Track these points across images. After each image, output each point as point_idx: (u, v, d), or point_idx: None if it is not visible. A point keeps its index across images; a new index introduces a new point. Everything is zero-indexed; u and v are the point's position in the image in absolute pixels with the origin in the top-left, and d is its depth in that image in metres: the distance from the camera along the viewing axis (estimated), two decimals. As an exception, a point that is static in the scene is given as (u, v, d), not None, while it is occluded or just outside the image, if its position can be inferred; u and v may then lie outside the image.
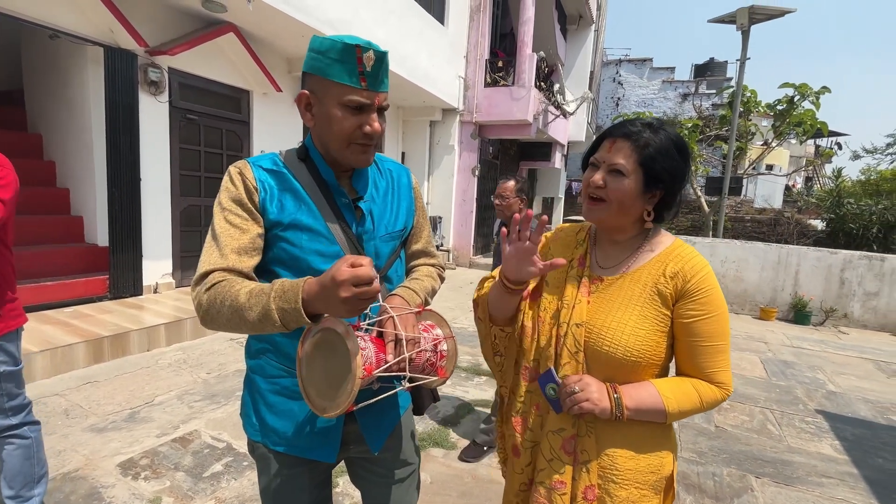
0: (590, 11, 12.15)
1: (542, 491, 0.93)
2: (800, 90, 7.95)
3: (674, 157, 0.89)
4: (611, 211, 0.91)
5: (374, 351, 0.81)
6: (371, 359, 0.79)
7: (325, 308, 0.74)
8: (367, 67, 0.84)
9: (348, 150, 0.91)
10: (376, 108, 0.89)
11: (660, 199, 0.93)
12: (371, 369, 0.78)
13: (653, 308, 0.89)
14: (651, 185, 0.89)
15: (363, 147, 0.91)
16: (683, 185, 0.93)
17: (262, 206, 0.91)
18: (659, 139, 0.88)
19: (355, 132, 0.89)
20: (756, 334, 5.49)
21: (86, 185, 4.58)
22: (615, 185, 0.89)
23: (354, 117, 0.88)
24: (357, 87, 0.85)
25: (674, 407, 0.87)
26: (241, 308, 0.78)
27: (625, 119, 0.97)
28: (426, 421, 2.80)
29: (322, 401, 0.80)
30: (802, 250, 6.45)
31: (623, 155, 0.89)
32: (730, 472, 2.45)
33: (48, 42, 4.37)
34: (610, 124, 9.39)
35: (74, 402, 2.81)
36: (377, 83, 0.87)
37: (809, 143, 22.30)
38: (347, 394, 0.74)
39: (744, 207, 14.97)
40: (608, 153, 0.91)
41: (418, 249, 1.16)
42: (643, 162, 0.88)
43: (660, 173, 0.88)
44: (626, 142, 0.89)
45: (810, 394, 3.67)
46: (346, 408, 0.75)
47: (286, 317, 0.75)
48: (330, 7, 5.13)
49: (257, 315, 0.76)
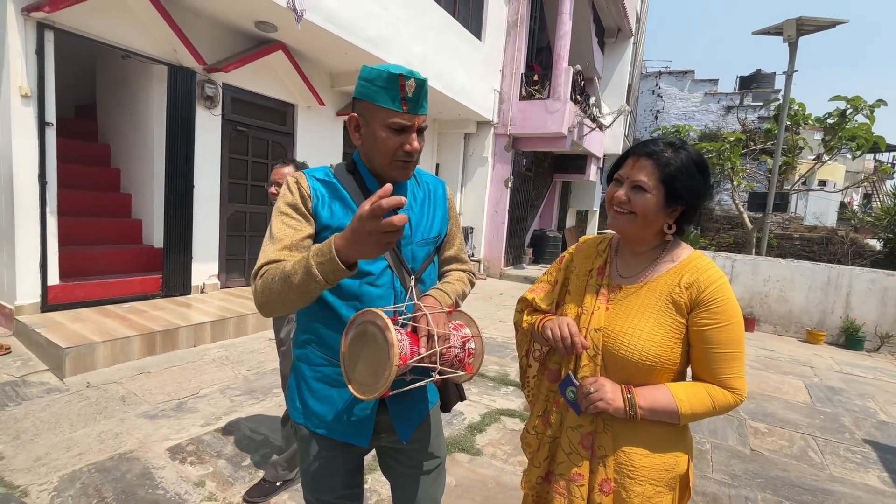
0: (628, 24, 12.05)
1: (562, 482, 0.99)
2: (852, 103, 7.56)
3: (694, 175, 0.94)
4: (636, 222, 0.97)
5: (409, 343, 0.90)
6: (406, 350, 0.88)
7: (356, 250, 0.79)
8: (408, 93, 0.95)
9: (391, 166, 1.02)
10: (416, 128, 1.00)
11: (681, 214, 0.98)
12: (406, 359, 0.87)
13: (668, 316, 0.94)
14: (672, 200, 0.95)
15: (404, 164, 1.02)
16: (703, 202, 0.98)
17: (315, 211, 1.04)
18: (679, 159, 0.94)
19: (398, 151, 1.00)
20: (802, 358, 5.21)
21: (146, 191, 4.98)
22: (638, 199, 0.95)
23: (397, 137, 0.99)
24: (399, 111, 0.96)
25: (686, 409, 0.91)
26: (288, 275, 0.87)
27: (649, 138, 1.03)
28: (452, 427, 2.85)
29: (361, 385, 0.90)
30: (855, 271, 6.10)
31: (645, 173, 0.94)
32: (764, 498, 2.37)
33: (120, 62, 4.82)
34: (648, 137, 9.28)
35: (130, 389, 3.05)
36: (417, 107, 0.98)
37: (869, 158, 20.97)
38: (385, 380, 0.84)
39: (792, 224, 14.25)
40: (631, 170, 0.97)
41: (451, 255, 1.25)
42: (664, 179, 0.93)
43: (680, 191, 0.94)
44: (649, 160, 0.95)
45: (858, 422, 3.47)
46: (382, 392, 0.84)
47: (324, 269, 0.82)
48: (371, 26, 5.39)
49: (301, 276, 0.85)
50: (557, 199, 13.21)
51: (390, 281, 1.06)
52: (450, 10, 7.13)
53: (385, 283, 1.05)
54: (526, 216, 10.67)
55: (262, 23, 4.75)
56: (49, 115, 3.74)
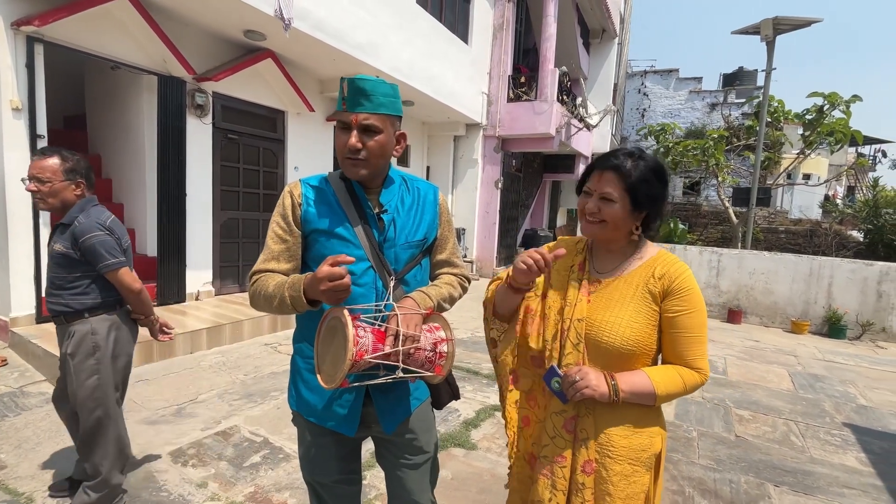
0: (612, 25, 12.25)
1: (546, 464, 1.07)
2: (829, 99, 7.78)
3: (653, 183, 1.04)
4: (607, 229, 1.07)
5: (371, 340, 0.97)
6: (367, 346, 0.95)
7: (315, 295, 0.98)
8: (345, 93, 1.06)
9: (343, 163, 1.13)
10: (355, 126, 1.07)
11: (645, 217, 1.09)
12: (363, 354, 0.94)
13: (644, 304, 1.04)
14: (636, 206, 1.05)
15: (351, 161, 1.11)
16: (663, 205, 1.10)
17: (304, 217, 1.15)
18: (640, 169, 1.03)
19: (343, 147, 1.09)
20: (786, 347, 5.37)
21: (138, 200, 5.00)
22: (607, 209, 1.05)
23: (342, 136, 1.10)
24: (340, 110, 1.08)
25: (662, 390, 1.01)
26: (269, 297, 1.07)
27: (610, 150, 1.13)
28: (448, 423, 2.93)
29: (326, 374, 1.00)
30: (836, 262, 6.28)
31: (611, 185, 1.04)
32: (747, 480, 2.48)
33: (109, 72, 4.84)
34: (635, 135, 9.44)
35: (129, 397, 3.07)
36: (354, 104, 1.06)
37: (851, 152, 21.40)
38: (341, 371, 0.92)
39: (778, 218, 14.53)
40: (598, 183, 1.06)
41: (442, 259, 1.32)
42: (629, 189, 1.03)
43: (643, 197, 1.04)
44: (613, 173, 1.04)
45: (839, 407, 3.60)
46: (339, 382, 0.93)
47: (294, 301, 1.02)
48: (359, 32, 5.46)
49: (278, 301, 1.05)
50: (548, 198, 13.36)
51: (372, 281, 1.14)
52: (436, 15, 7.23)
53: (367, 282, 1.13)
54: (517, 216, 10.79)
55: (250, 31, 4.80)
56: (40, 128, 3.77)
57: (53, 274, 1.82)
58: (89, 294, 1.84)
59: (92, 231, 1.78)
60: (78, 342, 1.80)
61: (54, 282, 1.81)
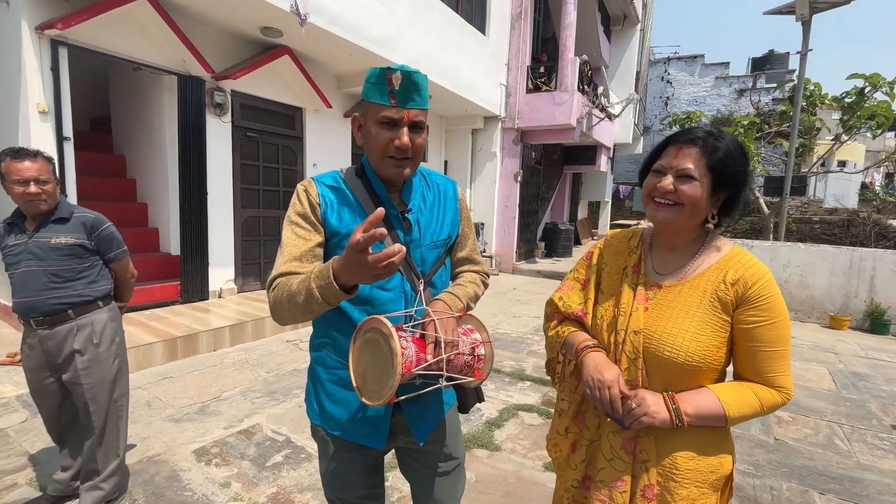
0: (634, 11, 11.85)
1: (604, 489, 0.96)
2: (871, 80, 7.32)
3: (739, 161, 0.91)
4: (682, 213, 0.92)
5: (414, 351, 0.90)
6: (412, 358, 0.88)
7: (350, 276, 0.81)
8: (395, 86, 0.96)
9: (383, 163, 1.02)
10: (407, 123, 0.99)
11: (723, 202, 0.94)
12: (410, 367, 0.87)
13: (713, 314, 0.90)
14: (717, 188, 0.91)
15: (396, 161, 1.01)
16: (746, 188, 0.94)
17: (324, 218, 1.05)
18: (724, 144, 0.90)
19: (388, 146, 0.99)
20: (825, 344, 5.10)
21: (161, 199, 5.08)
22: (686, 188, 0.90)
23: (387, 132, 0.99)
24: (388, 105, 0.97)
25: (734, 412, 0.88)
26: (293, 295, 0.90)
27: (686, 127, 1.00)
28: (471, 423, 2.86)
29: (369, 392, 0.91)
30: (878, 253, 5.93)
31: (692, 160, 0.90)
32: (790, 487, 2.33)
33: (131, 74, 4.91)
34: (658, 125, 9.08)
35: (154, 395, 3.13)
36: (406, 100, 0.97)
37: (890, 137, 20.32)
38: (389, 387, 0.85)
39: (811, 208, 13.89)
40: (674, 159, 0.92)
41: (463, 257, 1.24)
42: (712, 166, 0.89)
43: (727, 177, 0.90)
44: (694, 147, 0.90)
45: (886, 408, 3.38)
46: (387, 399, 0.85)
47: (324, 292, 0.85)
48: (375, 26, 5.39)
49: (304, 296, 0.88)
50: (568, 191, 13.09)
51: (400, 285, 1.06)
52: (453, 6, 7.10)
53: (395, 286, 1.05)
54: (537, 209, 10.60)
55: (267, 28, 4.79)
56: (66, 130, 3.84)
57: (58, 267, 1.82)
58: (98, 282, 1.93)
59: (105, 222, 1.96)
60: (100, 331, 1.89)
61: (60, 275, 1.82)
